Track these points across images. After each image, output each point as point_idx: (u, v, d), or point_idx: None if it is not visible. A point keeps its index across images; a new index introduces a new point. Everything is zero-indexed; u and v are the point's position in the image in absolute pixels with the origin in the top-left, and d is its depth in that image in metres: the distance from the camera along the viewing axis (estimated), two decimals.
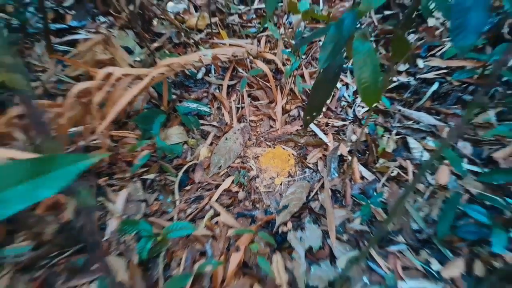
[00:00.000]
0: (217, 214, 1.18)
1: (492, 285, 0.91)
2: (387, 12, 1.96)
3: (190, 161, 1.32)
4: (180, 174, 1.27)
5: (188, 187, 1.26)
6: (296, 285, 1.05)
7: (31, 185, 0.42)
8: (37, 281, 1.00)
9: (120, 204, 1.16)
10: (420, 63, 1.74)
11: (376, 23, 1.96)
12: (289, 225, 1.17)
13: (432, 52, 1.78)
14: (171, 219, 1.18)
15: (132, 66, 1.49)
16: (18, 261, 1.03)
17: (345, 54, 1.10)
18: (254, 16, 1.99)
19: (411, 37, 1.83)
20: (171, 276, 1.05)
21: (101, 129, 1.01)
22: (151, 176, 1.26)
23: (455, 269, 1.11)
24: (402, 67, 1.75)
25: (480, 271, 1.09)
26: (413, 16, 0.95)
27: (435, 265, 1.14)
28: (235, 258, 1.05)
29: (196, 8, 1.98)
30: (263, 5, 2.04)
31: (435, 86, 1.63)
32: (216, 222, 1.16)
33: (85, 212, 0.63)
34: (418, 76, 1.69)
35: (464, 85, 1.64)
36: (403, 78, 1.70)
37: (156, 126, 1.19)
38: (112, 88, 1.04)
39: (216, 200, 1.23)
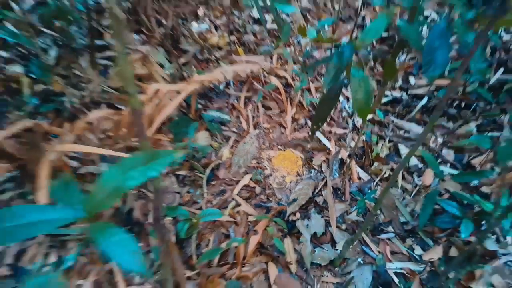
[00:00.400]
0: (238, 204, 1.43)
1: (459, 262, 1.15)
2: (384, 34, 2.22)
3: (215, 161, 1.58)
4: (207, 171, 1.52)
5: (213, 182, 1.52)
6: (303, 263, 1.29)
7: (145, 168, 0.67)
8: (95, 255, 1.25)
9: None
10: (412, 80, 1.99)
11: (375, 43, 2.22)
12: (298, 215, 1.42)
13: (422, 71, 2.03)
14: (200, 208, 1.43)
15: (164, 79, 1.76)
16: (80, 238, 1.29)
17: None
18: (267, 35, 2.25)
19: (405, 57, 2.09)
20: (202, 253, 1.29)
21: (150, 134, 1.27)
22: (183, 172, 1.51)
23: (434, 254, 1.35)
24: (396, 83, 2.01)
25: (455, 255, 1.33)
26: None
27: (418, 251, 1.38)
28: (254, 240, 1.30)
29: (217, 28, 2.25)
30: (274, 26, 2.30)
31: (424, 101, 1.88)
32: (238, 211, 1.41)
33: (157, 191, 0.88)
34: (409, 92, 1.94)
35: (449, 101, 1.89)
36: (397, 93, 1.95)
37: (191, 131, 1.44)
38: (159, 100, 1.30)
39: (237, 194, 1.47)
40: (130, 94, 0.71)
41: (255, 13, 2.39)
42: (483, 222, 1.37)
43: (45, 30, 2.03)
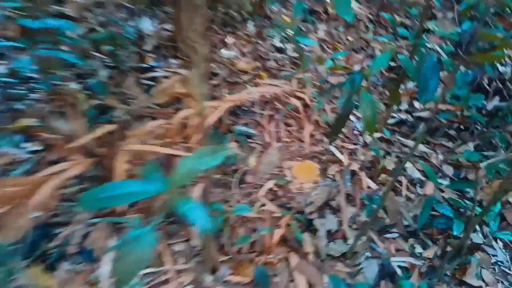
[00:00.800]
0: (263, 204, 1.67)
1: (451, 256, 1.36)
2: (392, 64, 2.50)
3: (243, 168, 1.84)
4: (237, 176, 1.78)
5: (242, 186, 1.77)
6: (319, 254, 1.51)
7: (209, 158, 0.93)
8: None
9: (197, 194, 1.67)
10: (416, 104, 2.26)
11: (384, 71, 2.50)
12: (315, 214, 1.65)
13: (418, 96, 2.29)
14: (231, 206, 1.67)
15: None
16: (133, 226, 1.54)
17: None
18: (288, 62, 2.56)
19: (409, 84, 2.36)
20: (233, 243, 1.53)
21: (193, 142, 1.54)
22: (216, 176, 1.78)
23: (433, 252, 1.56)
24: (402, 106, 2.27)
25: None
26: None
27: (418, 249, 1.59)
28: (278, 233, 1.53)
29: (243, 55, 2.57)
30: (294, 54, 2.61)
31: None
32: (263, 210, 1.65)
33: (208, 179, 1.14)
34: (414, 114, 2.20)
35: (449, 123, 2.14)
36: (403, 115, 2.21)
37: (226, 142, 1.72)
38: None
39: (263, 195, 1.72)
40: (199, 106, 0.99)
41: (277, 43, 2.72)
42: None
43: (95, 53, 2.38)
